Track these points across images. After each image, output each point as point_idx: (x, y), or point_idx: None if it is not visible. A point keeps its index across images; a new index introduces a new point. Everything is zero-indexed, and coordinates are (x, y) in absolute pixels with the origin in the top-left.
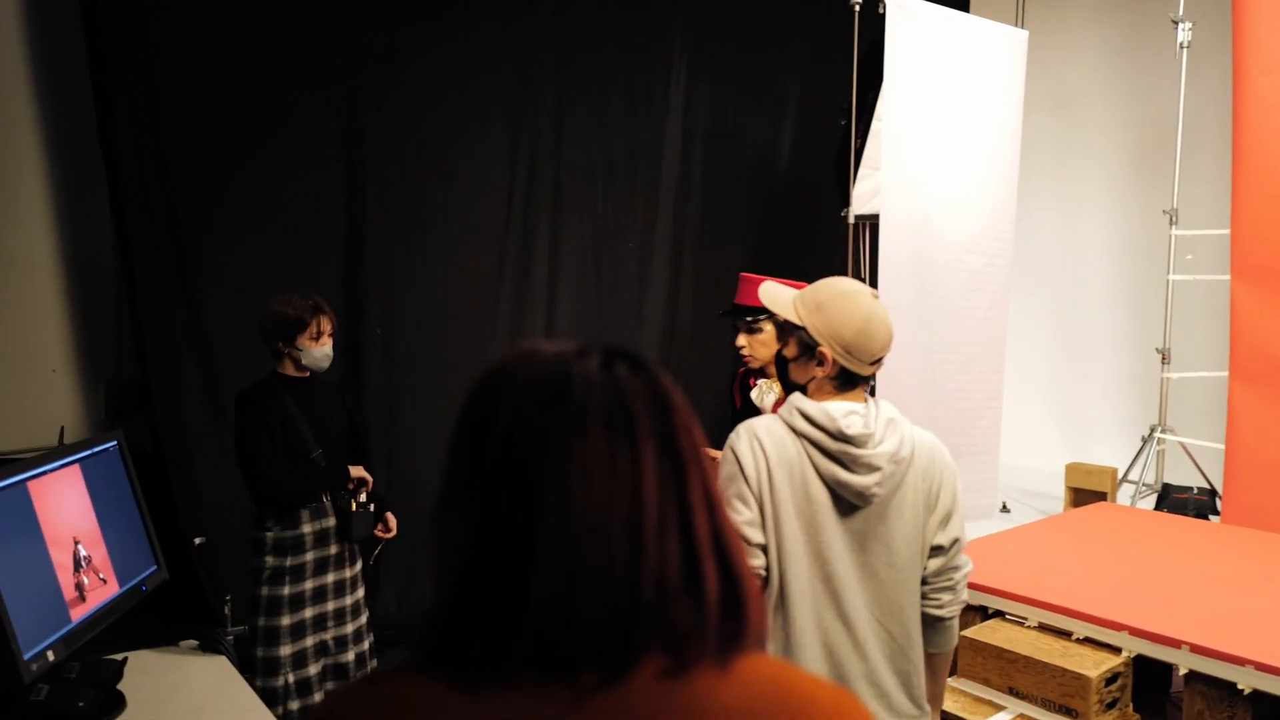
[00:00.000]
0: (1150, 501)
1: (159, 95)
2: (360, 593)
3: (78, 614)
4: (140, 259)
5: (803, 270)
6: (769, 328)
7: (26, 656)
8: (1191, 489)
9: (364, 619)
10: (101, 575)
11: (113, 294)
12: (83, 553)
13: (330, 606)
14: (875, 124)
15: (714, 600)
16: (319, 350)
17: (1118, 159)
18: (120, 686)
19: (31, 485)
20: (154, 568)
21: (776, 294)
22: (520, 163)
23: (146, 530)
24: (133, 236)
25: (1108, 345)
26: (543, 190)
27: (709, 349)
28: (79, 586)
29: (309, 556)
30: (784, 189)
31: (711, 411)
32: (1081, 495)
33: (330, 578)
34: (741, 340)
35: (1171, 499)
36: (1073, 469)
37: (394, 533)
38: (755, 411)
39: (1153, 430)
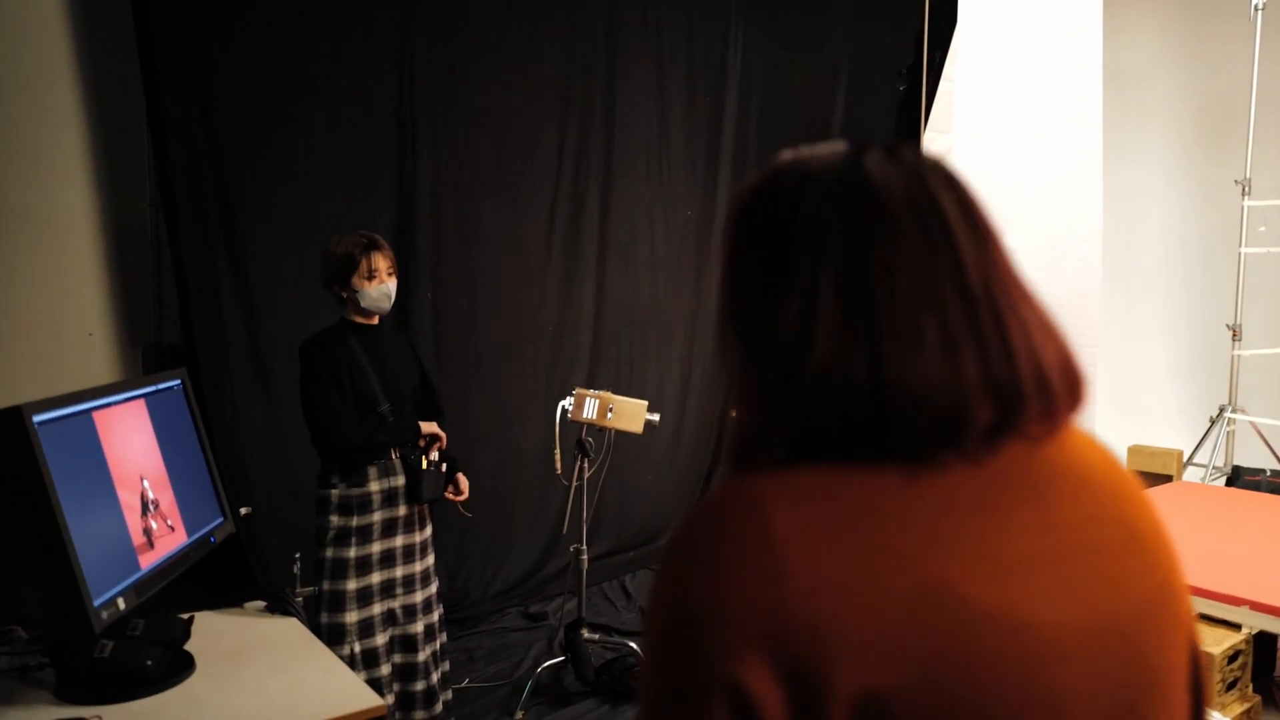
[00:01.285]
0: (1220, 484)
1: (202, 47)
2: (430, 560)
3: (146, 561)
4: (185, 219)
5: None
6: None
7: (97, 603)
8: (1264, 470)
9: (434, 588)
10: (169, 522)
11: (152, 255)
12: (150, 495)
13: (399, 572)
14: (944, 85)
15: (1054, 372)
16: (375, 289)
17: (1184, 130)
18: (186, 647)
19: (97, 416)
20: (220, 519)
21: None
22: (571, 127)
23: (212, 478)
24: (178, 196)
25: (1167, 323)
26: (594, 156)
27: None
28: (147, 532)
29: (376, 517)
30: None
31: None
32: (1145, 479)
33: (399, 541)
34: None
35: (1243, 481)
36: (1135, 452)
37: (465, 495)
38: None
39: (1222, 410)
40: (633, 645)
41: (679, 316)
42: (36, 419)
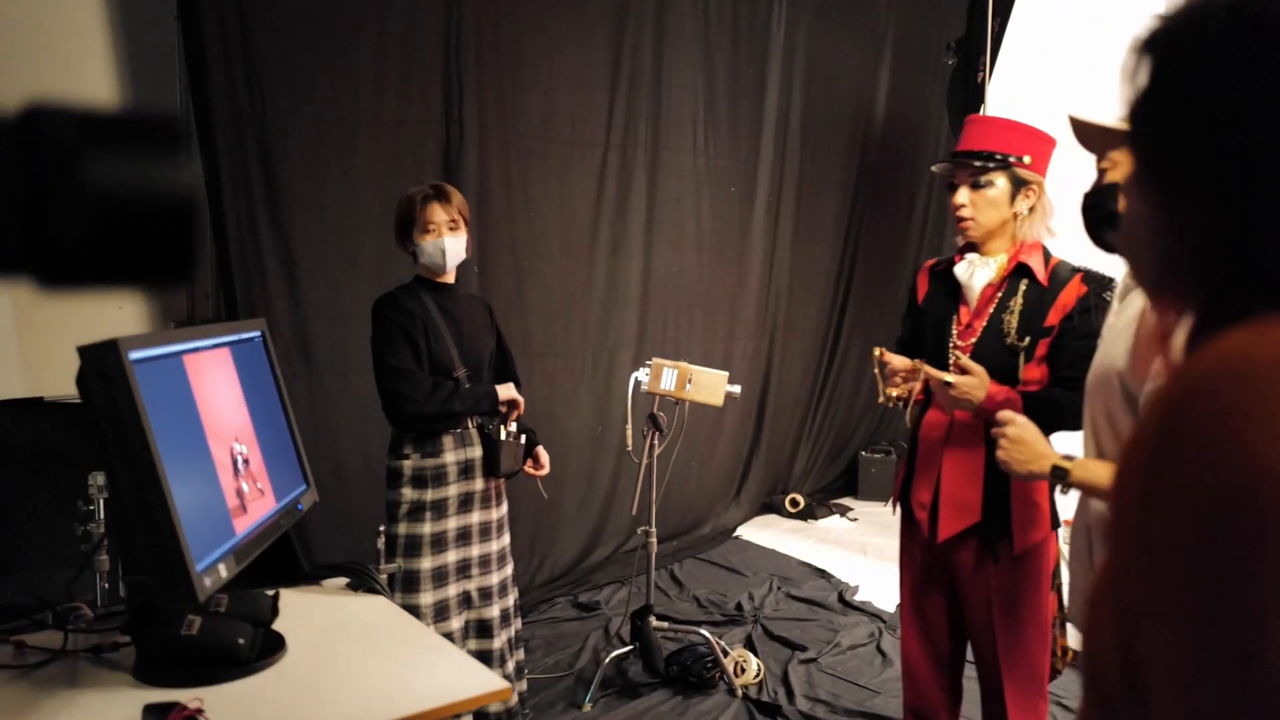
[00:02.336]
0: None
1: (247, 11)
2: (507, 539)
3: (241, 526)
4: (226, 178)
5: (901, 219)
6: (1002, 182)
7: (200, 568)
8: None
9: (510, 570)
10: (259, 485)
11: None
12: (242, 453)
13: (475, 551)
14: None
15: None
16: (429, 244)
17: None
18: (275, 626)
19: (187, 360)
20: (304, 486)
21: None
22: (619, 96)
23: (294, 439)
24: (219, 152)
25: None
26: (642, 127)
27: (806, 310)
28: (239, 494)
29: (452, 491)
30: (880, 131)
31: (804, 374)
32: None
33: (475, 518)
34: (963, 198)
35: None
36: None
37: (546, 469)
38: (949, 299)
39: None
40: (704, 634)
41: (721, 295)
42: (133, 355)
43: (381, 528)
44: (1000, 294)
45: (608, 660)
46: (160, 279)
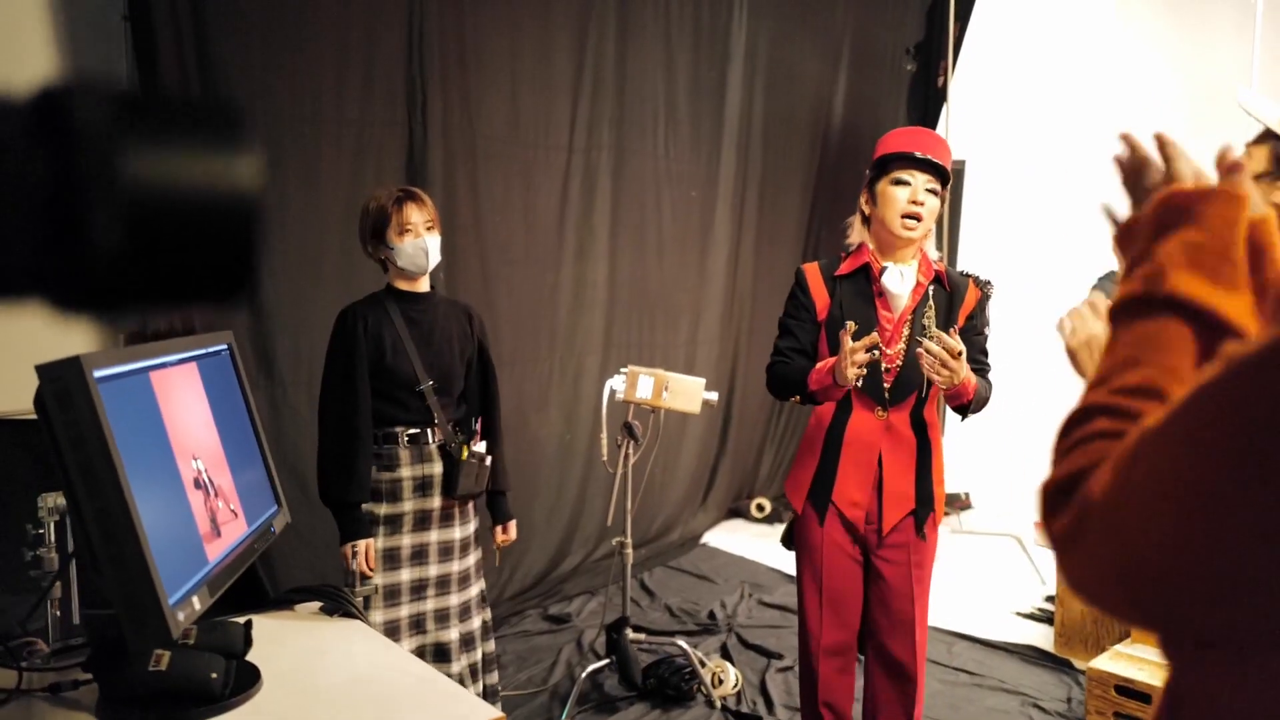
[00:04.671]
0: None
1: (200, 9)
2: (472, 560)
3: (213, 553)
4: None
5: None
6: (936, 197)
7: (172, 602)
8: None
9: (475, 591)
10: (232, 507)
11: None
12: (212, 474)
13: (433, 571)
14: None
15: None
16: (409, 244)
17: (1178, 116)
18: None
19: (154, 377)
20: (276, 507)
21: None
22: (583, 99)
23: (264, 458)
24: None
25: None
26: (606, 130)
27: (770, 314)
28: (211, 518)
29: (407, 507)
30: (837, 134)
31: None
32: None
33: (434, 536)
34: (922, 197)
35: None
36: None
37: (512, 539)
38: (867, 305)
39: None
40: (681, 645)
41: (684, 300)
42: (97, 373)
43: (356, 548)
44: (919, 300)
45: (584, 675)
46: (214, 297)
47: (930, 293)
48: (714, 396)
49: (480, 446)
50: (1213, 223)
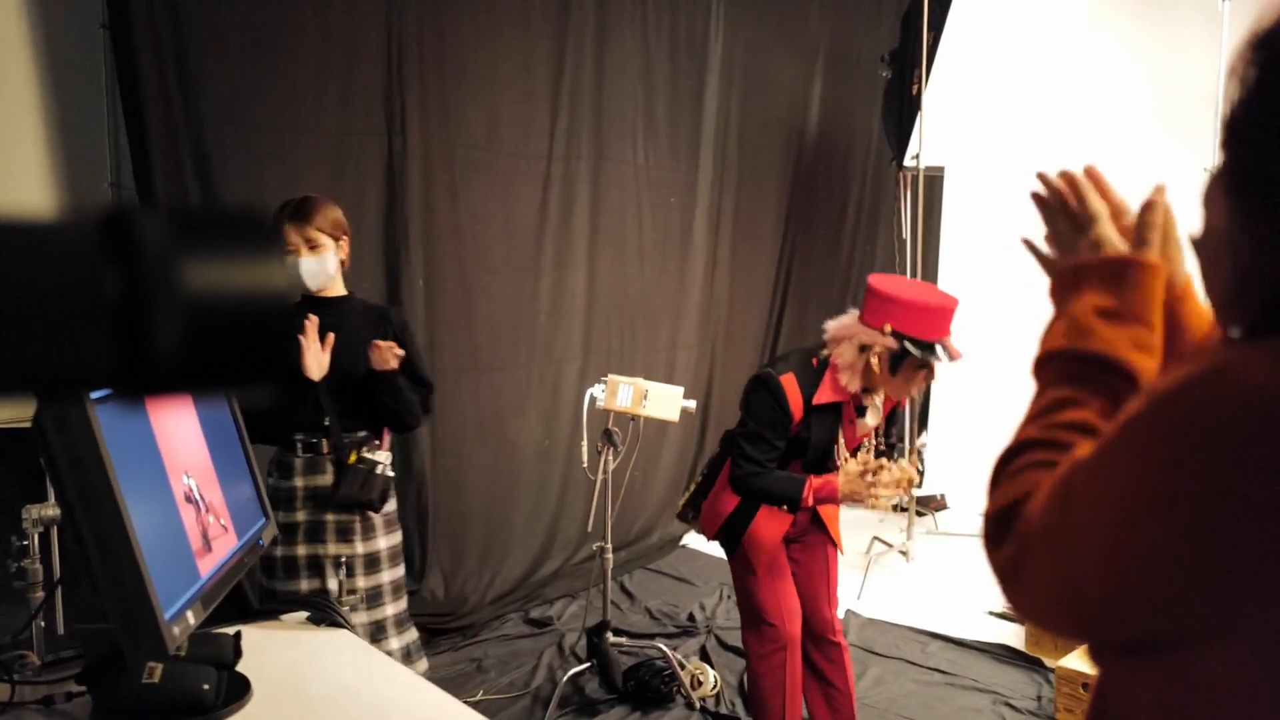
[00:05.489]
0: None
1: (180, 12)
2: (385, 578)
3: (205, 568)
4: (162, 201)
5: (833, 227)
6: None
7: (168, 617)
8: None
9: (391, 610)
10: (222, 521)
11: None
12: (203, 489)
13: (330, 585)
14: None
15: None
16: (289, 263)
17: (1150, 118)
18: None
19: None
20: (264, 520)
21: None
22: (562, 108)
23: (252, 471)
24: (154, 175)
25: None
26: (585, 139)
27: (746, 319)
28: (203, 533)
29: (300, 517)
30: (812, 141)
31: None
32: None
33: (330, 549)
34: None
35: None
36: None
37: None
38: (833, 426)
39: None
40: (661, 648)
41: (663, 306)
42: (94, 393)
43: (342, 559)
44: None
45: (565, 678)
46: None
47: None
48: (692, 404)
49: (380, 455)
50: (1130, 295)
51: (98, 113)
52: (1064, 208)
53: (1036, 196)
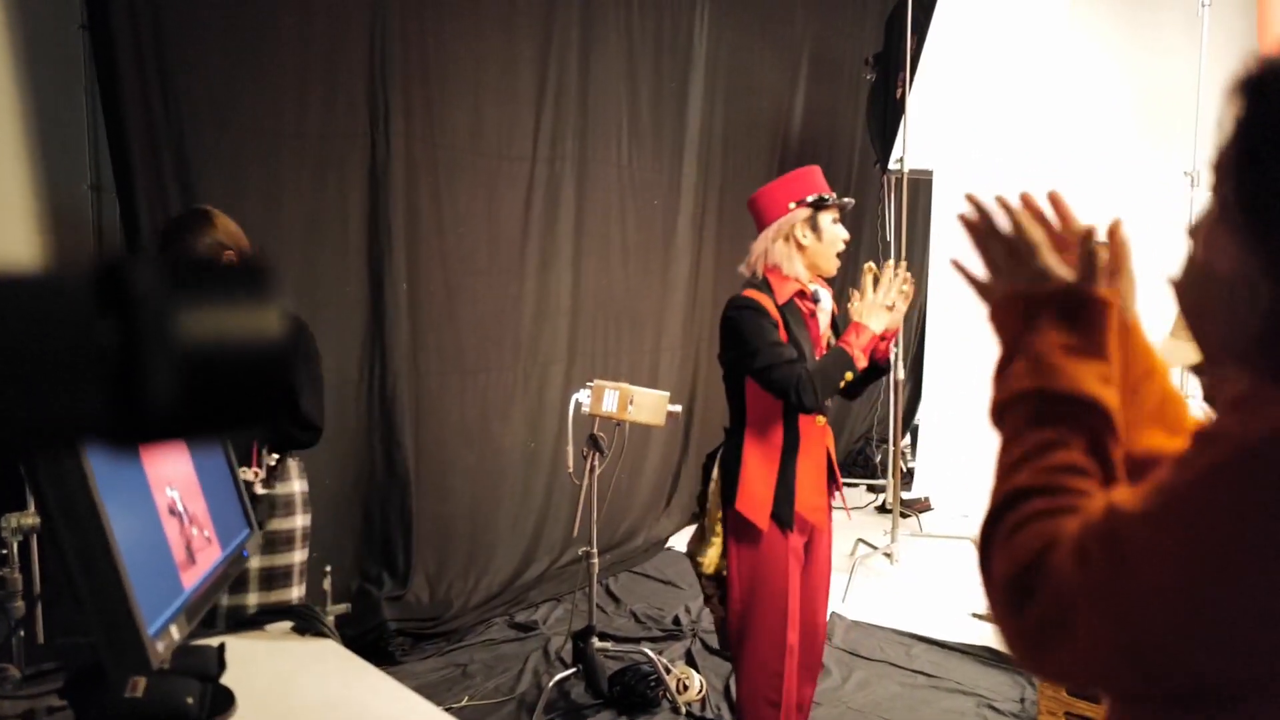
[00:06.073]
0: None
1: (160, 13)
2: (298, 557)
3: (189, 580)
4: (143, 202)
5: None
6: None
7: (151, 632)
8: None
9: (296, 595)
10: (205, 532)
11: (92, 245)
12: (186, 500)
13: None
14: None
15: None
16: None
17: (1131, 122)
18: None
19: None
20: (248, 530)
21: None
22: (546, 110)
23: (235, 481)
24: (135, 179)
25: None
26: (569, 140)
27: None
28: (187, 545)
29: None
30: (796, 142)
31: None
32: None
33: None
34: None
35: None
36: None
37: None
38: (803, 325)
39: None
40: (647, 652)
41: (647, 308)
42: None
43: (328, 568)
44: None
45: (551, 684)
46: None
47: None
48: (678, 409)
49: (246, 474)
50: (1088, 330)
51: (77, 114)
52: (997, 235)
53: (965, 221)
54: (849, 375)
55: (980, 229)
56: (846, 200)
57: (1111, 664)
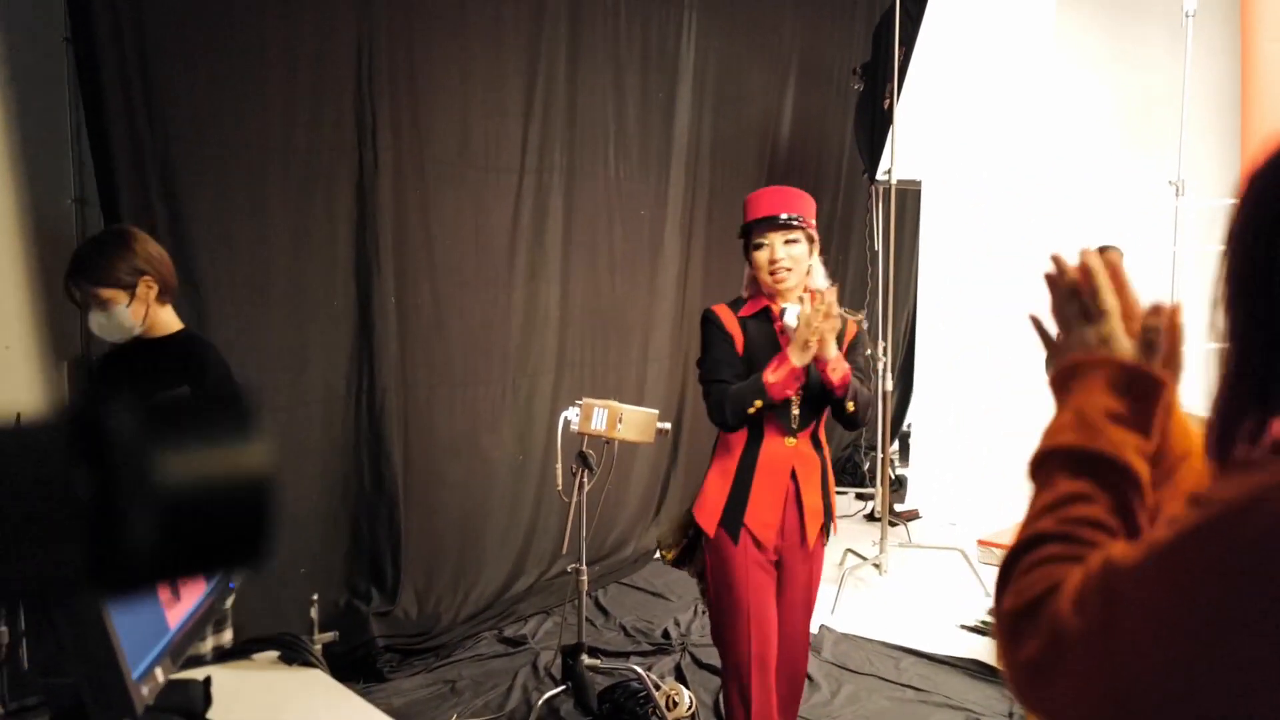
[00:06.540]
0: None
1: (145, 27)
2: None
3: (175, 618)
4: (128, 219)
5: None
6: (803, 240)
7: (136, 676)
8: None
9: None
10: None
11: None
12: None
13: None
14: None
15: None
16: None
17: (1116, 132)
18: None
19: None
20: None
21: None
22: (534, 121)
23: None
24: (119, 192)
25: None
26: (556, 152)
27: None
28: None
29: None
30: (785, 151)
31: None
32: None
33: None
34: (780, 253)
35: None
36: None
37: None
38: (770, 343)
39: None
40: (636, 669)
41: (635, 318)
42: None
43: (314, 596)
44: None
45: (541, 701)
46: (234, 563)
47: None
48: (667, 426)
49: None
50: (1138, 405)
51: (61, 127)
52: (1076, 295)
53: (1050, 277)
54: (757, 403)
55: (1061, 287)
56: (761, 219)
57: (1099, 709)
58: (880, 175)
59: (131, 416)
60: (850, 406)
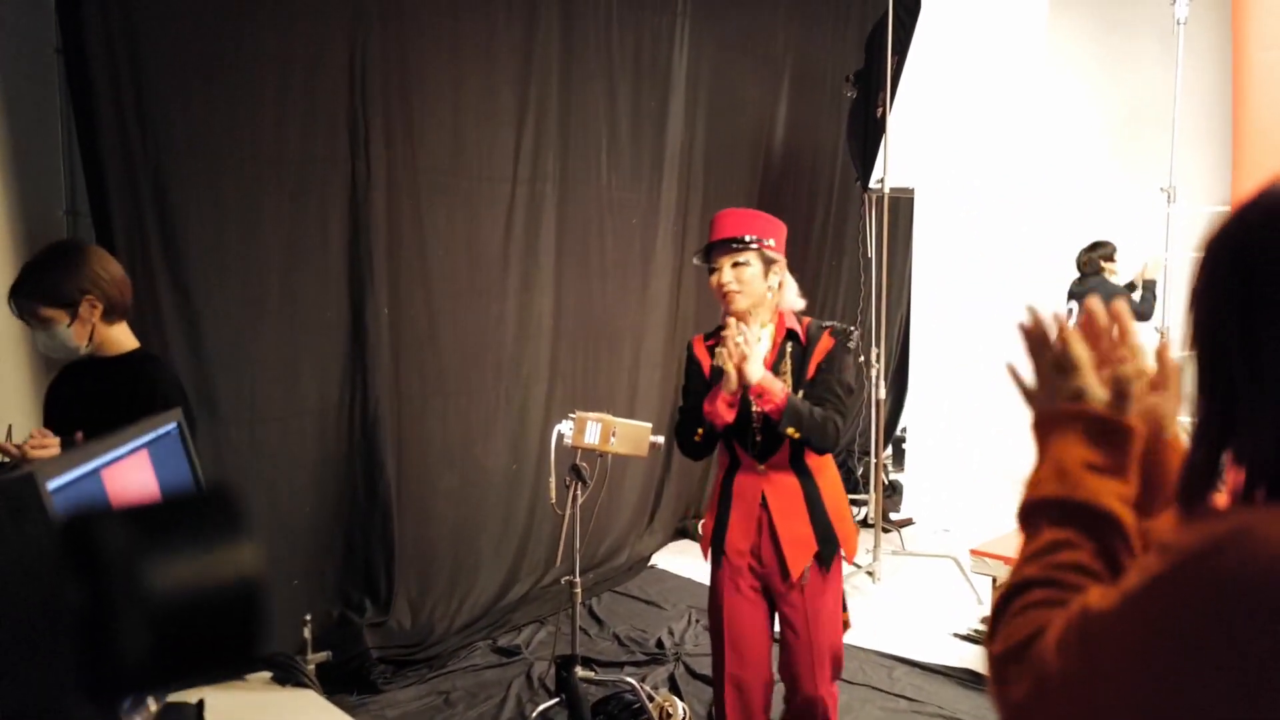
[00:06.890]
0: None
1: (138, 36)
2: None
3: None
4: (120, 231)
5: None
6: (756, 261)
7: (127, 704)
8: None
9: None
10: None
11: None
12: None
13: None
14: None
15: None
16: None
17: (1108, 139)
18: None
19: (105, 475)
20: None
21: None
22: (526, 130)
23: None
24: (111, 203)
25: None
26: (549, 161)
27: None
28: None
29: None
30: (778, 159)
31: None
32: None
33: None
34: (727, 275)
35: None
36: None
37: None
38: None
39: None
40: (630, 681)
41: (626, 327)
42: (51, 485)
43: (307, 616)
44: (775, 358)
45: (534, 714)
46: (225, 667)
47: (785, 350)
48: (660, 439)
49: None
50: (1113, 453)
51: (53, 138)
52: (1048, 347)
53: (1023, 328)
54: (700, 430)
55: (1035, 339)
56: (698, 255)
57: None
58: (873, 183)
59: (122, 526)
60: (791, 432)
